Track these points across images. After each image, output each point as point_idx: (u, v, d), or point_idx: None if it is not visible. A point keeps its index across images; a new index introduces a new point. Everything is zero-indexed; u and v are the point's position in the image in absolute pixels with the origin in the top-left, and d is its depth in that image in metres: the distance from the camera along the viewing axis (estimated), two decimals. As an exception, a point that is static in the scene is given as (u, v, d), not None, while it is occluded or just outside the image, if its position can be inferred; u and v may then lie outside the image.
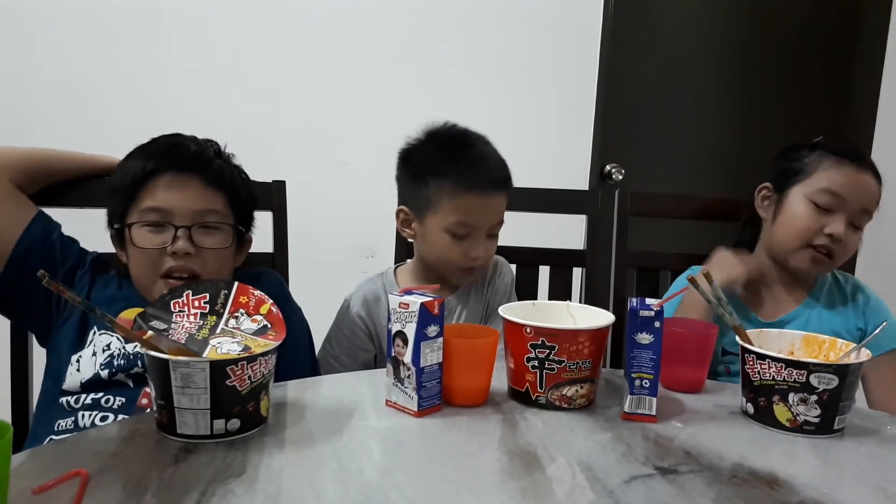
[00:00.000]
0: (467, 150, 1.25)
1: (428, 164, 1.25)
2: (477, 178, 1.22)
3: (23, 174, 1.18)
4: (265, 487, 0.69)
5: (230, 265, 1.18)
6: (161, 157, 1.11)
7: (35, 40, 1.99)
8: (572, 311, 1.04)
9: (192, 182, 1.11)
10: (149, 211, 1.10)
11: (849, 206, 1.26)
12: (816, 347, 0.98)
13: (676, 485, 0.73)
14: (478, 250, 1.25)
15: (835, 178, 1.27)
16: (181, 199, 1.10)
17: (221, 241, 1.13)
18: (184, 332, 0.84)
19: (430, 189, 1.24)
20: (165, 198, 1.10)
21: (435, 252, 1.28)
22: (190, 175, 1.11)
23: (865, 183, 1.27)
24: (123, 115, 1.99)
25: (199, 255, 1.10)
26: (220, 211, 1.14)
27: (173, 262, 1.09)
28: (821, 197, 1.28)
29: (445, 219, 1.23)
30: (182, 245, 1.08)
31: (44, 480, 0.64)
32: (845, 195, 1.26)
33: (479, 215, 1.23)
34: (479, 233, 1.25)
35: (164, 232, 1.10)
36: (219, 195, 1.14)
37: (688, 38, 2.47)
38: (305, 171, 2.03)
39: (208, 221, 1.12)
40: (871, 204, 1.28)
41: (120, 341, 1.10)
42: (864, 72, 2.52)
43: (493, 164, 1.26)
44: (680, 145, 2.49)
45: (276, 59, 2.12)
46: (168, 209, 1.09)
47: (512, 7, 2.20)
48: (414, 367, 0.88)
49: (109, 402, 1.05)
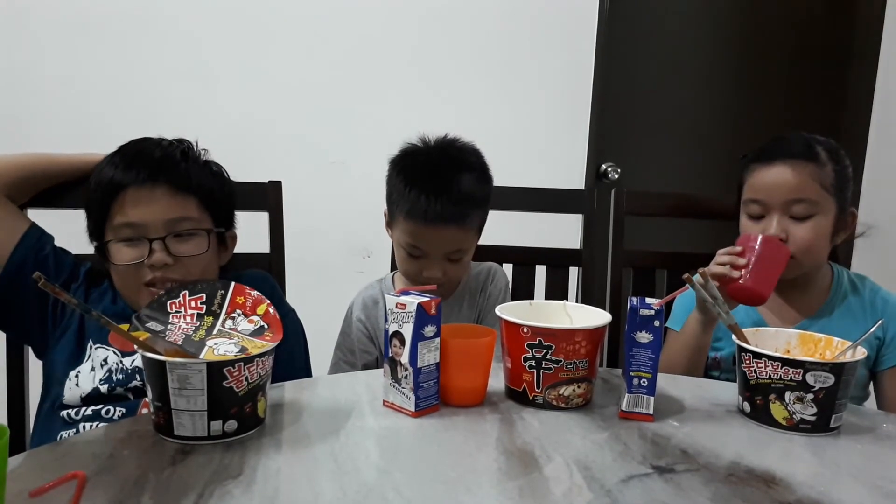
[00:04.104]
0: (428, 177, 1.21)
1: (394, 177, 1.26)
2: (423, 209, 1.19)
3: (14, 185, 1.16)
4: (262, 488, 0.69)
5: (214, 266, 1.17)
6: (126, 168, 1.09)
7: (34, 40, 1.98)
8: (569, 311, 1.05)
9: (160, 191, 1.09)
10: (121, 227, 1.09)
11: (771, 205, 1.24)
12: (812, 346, 0.98)
13: (673, 484, 0.73)
14: (432, 272, 1.24)
15: (751, 185, 1.27)
16: (151, 211, 1.08)
17: (198, 246, 1.11)
18: (180, 333, 0.84)
19: (393, 200, 1.26)
20: (135, 213, 1.08)
21: (398, 263, 1.31)
22: (156, 184, 1.09)
23: (777, 176, 1.23)
24: (123, 115, 1.98)
25: (179, 263, 1.09)
26: (193, 216, 1.12)
27: (152, 273, 1.08)
28: (748, 208, 1.28)
29: (401, 235, 1.25)
30: (158, 257, 1.07)
31: (41, 482, 0.64)
32: (762, 197, 1.25)
33: (426, 242, 1.23)
34: (433, 256, 1.24)
35: (140, 245, 1.08)
36: (190, 199, 1.12)
37: (683, 36, 2.47)
38: (302, 172, 2.03)
39: (182, 229, 1.10)
40: (794, 193, 1.22)
41: (117, 355, 1.09)
42: (858, 70, 2.52)
43: (451, 197, 1.20)
44: (675, 144, 2.50)
45: (274, 59, 2.12)
46: (140, 223, 1.08)
47: (508, 6, 2.20)
48: (411, 368, 0.88)
49: (110, 413, 1.05)
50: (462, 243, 1.25)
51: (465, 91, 2.20)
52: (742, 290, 1.18)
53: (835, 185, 1.23)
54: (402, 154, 1.29)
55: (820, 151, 1.24)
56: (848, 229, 1.30)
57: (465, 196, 1.22)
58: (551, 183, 1.57)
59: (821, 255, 1.28)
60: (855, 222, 1.31)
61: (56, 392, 1.08)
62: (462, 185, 1.22)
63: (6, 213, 1.15)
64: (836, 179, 1.23)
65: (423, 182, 1.21)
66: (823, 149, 1.24)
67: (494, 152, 1.34)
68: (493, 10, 2.19)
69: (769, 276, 1.18)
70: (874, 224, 1.35)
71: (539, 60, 2.24)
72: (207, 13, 2.05)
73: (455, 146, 1.28)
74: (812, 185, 1.22)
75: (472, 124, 1.37)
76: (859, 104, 2.52)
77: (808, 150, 1.24)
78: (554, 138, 2.27)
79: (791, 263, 1.21)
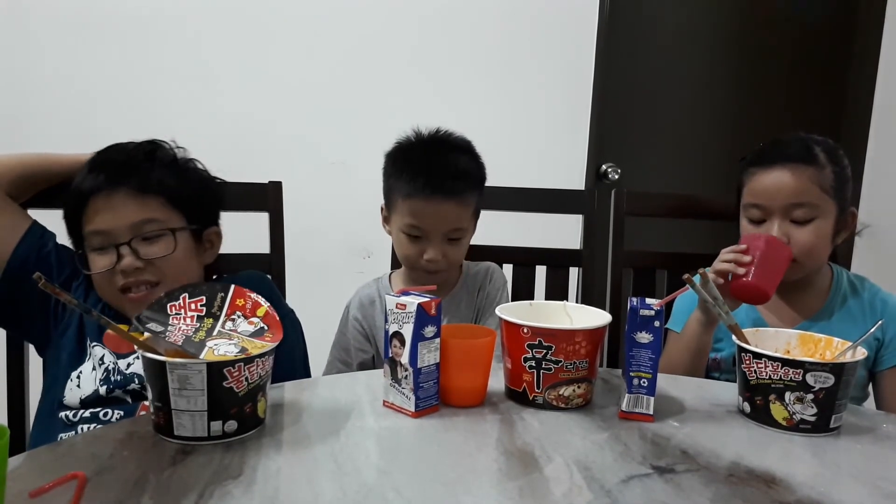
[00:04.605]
0: (424, 156, 1.27)
1: (391, 166, 1.31)
2: (422, 184, 1.23)
3: (15, 184, 1.17)
4: (263, 489, 0.69)
5: (194, 265, 1.17)
6: (90, 177, 1.09)
7: (34, 40, 1.98)
8: (569, 311, 1.05)
9: (121, 196, 1.08)
10: (91, 236, 1.09)
11: (771, 209, 1.23)
12: (812, 346, 0.98)
13: (673, 484, 0.73)
14: (433, 253, 1.26)
15: (751, 190, 1.27)
16: (114, 217, 1.08)
17: (166, 247, 1.10)
18: (181, 334, 0.84)
19: (391, 189, 1.30)
20: (100, 220, 1.08)
21: (398, 250, 1.33)
22: (116, 189, 1.08)
23: (776, 181, 1.23)
24: (123, 115, 1.99)
25: (150, 265, 1.08)
26: (159, 217, 1.10)
27: (125, 279, 1.08)
28: (748, 213, 1.28)
29: (401, 219, 1.27)
30: (127, 262, 1.07)
31: (41, 483, 0.64)
32: (762, 202, 1.24)
33: (427, 219, 1.25)
34: (433, 236, 1.26)
35: (109, 252, 1.08)
36: (153, 200, 1.10)
37: (683, 37, 2.47)
38: (302, 172, 2.03)
39: (147, 232, 1.09)
40: (794, 197, 1.21)
41: (112, 355, 1.09)
42: (859, 71, 2.52)
43: (448, 171, 1.25)
44: (676, 145, 2.50)
45: (274, 59, 2.12)
46: (106, 230, 1.08)
47: (508, 6, 2.20)
48: (411, 368, 0.88)
49: (108, 416, 1.05)
50: (460, 221, 1.28)
51: (466, 91, 2.20)
52: (746, 287, 1.18)
53: (834, 186, 1.23)
54: (397, 145, 1.33)
55: (818, 153, 1.23)
56: (848, 229, 1.30)
57: (461, 172, 1.27)
58: (551, 183, 1.57)
59: (822, 257, 1.28)
60: (855, 222, 1.30)
61: (56, 391, 1.08)
62: (458, 162, 1.28)
63: (8, 211, 1.15)
64: (836, 181, 1.23)
65: (420, 161, 1.26)
66: (822, 150, 1.24)
67: (495, 152, 1.35)
68: (494, 10, 2.19)
69: (773, 275, 1.18)
70: (873, 224, 1.34)
71: (539, 60, 2.24)
72: (207, 13, 2.06)
73: (448, 135, 1.32)
74: (812, 188, 1.22)
75: (472, 124, 1.37)
76: (859, 105, 2.51)
77: (806, 153, 1.23)
78: (554, 139, 2.27)
79: (793, 266, 1.21)
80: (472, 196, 1.29)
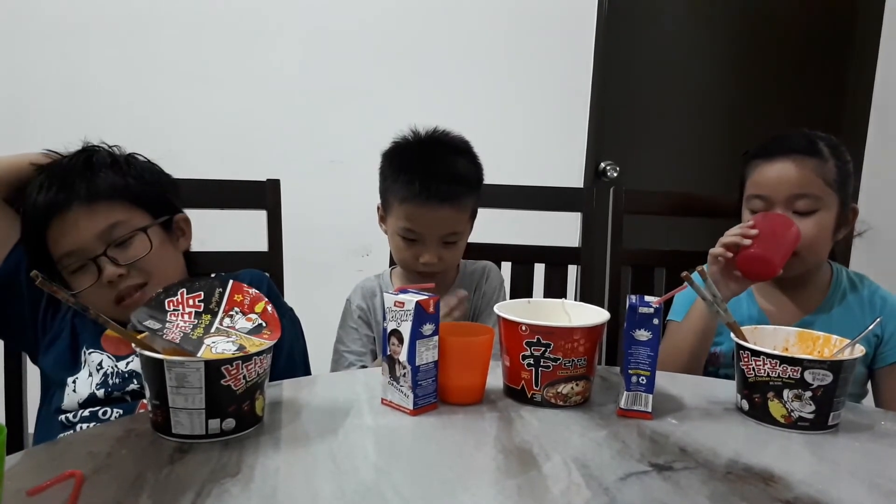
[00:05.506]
0: (421, 159, 1.26)
1: (387, 167, 1.30)
2: (418, 189, 1.22)
3: (13, 187, 1.13)
4: (261, 487, 0.69)
5: (174, 256, 1.16)
6: (39, 204, 1.06)
7: (34, 41, 1.98)
8: (567, 309, 1.05)
9: (75, 212, 1.05)
10: (64, 259, 1.07)
11: (774, 200, 1.24)
12: (811, 343, 0.98)
13: (672, 482, 0.73)
14: (428, 256, 1.26)
15: (754, 181, 1.27)
16: (77, 233, 1.05)
17: (143, 247, 1.08)
18: (178, 331, 0.84)
19: (387, 190, 1.28)
20: (66, 241, 1.06)
21: (394, 252, 1.32)
22: (69, 207, 1.05)
23: (780, 172, 1.23)
24: (123, 115, 1.99)
25: (133, 269, 1.07)
26: (121, 219, 1.07)
27: (113, 289, 1.06)
28: (750, 204, 1.28)
29: (396, 222, 1.27)
30: (109, 272, 1.05)
31: (38, 481, 0.64)
32: (765, 193, 1.25)
33: (423, 224, 1.24)
34: (429, 240, 1.25)
35: (88, 269, 1.06)
36: (111, 204, 1.07)
37: (682, 35, 2.47)
38: (301, 171, 2.03)
39: (118, 237, 1.07)
40: (797, 188, 1.22)
41: (111, 359, 1.08)
42: (858, 69, 2.52)
43: (445, 176, 1.24)
44: (674, 143, 2.50)
45: (272, 58, 2.12)
46: (75, 249, 1.06)
47: (508, 6, 2.20)
48: (409, 366, 0.88)
49: (107, 415, 1.04)
50: (456, 225, 1.27)
51: (464, 89, 2.20)
52: (753, 258, 1.18)
53: (837, 180, 1.24)
54: (393, 145, 1.32)
55: (822, 147, 1.24)
56: (849, 225, 1.30)
57: (458, 176, 1.26)
58: (550, 181, 1.57)
59: (823, 250, 1.28)
60: (856, 218, 1.31)
61: (53, 399, 1.08)
62: (455, 166, 1.27)
63: (2, 217, 1.13)
64: (839, 174, 1.24)
65: (416, 165, 1.25)
66: (825, 144, 1.25)
67: (494, 150, 1.35)
68: (493, 8, 2.19)
69: (780, 248, 1.18)
70: (872, 224, 1.35)
71: (538, 59, 2.24)
72: (207, 14, 2.06)
73: (445, 135, 1.31)
74: (815, 180, 1.22)
75: (471, 123, 1.37)
76: (858, 103, 2.52)
77: (810, 146, 1.24)
78: (553, 136, 2.27)
79: (793, 260, 1.21)
80: (469, 200, 1.29)
